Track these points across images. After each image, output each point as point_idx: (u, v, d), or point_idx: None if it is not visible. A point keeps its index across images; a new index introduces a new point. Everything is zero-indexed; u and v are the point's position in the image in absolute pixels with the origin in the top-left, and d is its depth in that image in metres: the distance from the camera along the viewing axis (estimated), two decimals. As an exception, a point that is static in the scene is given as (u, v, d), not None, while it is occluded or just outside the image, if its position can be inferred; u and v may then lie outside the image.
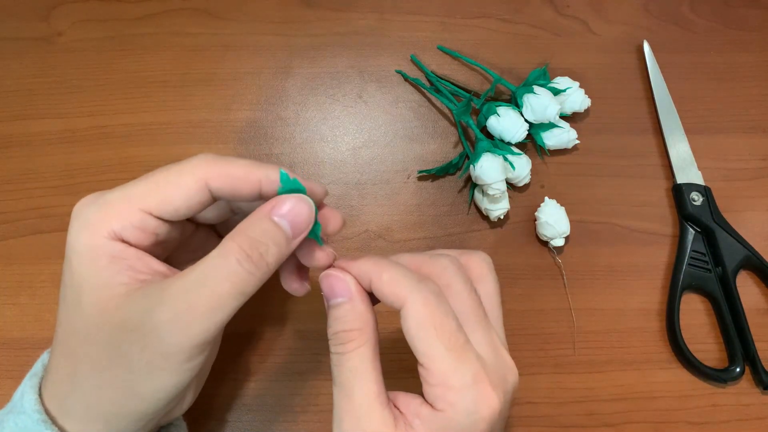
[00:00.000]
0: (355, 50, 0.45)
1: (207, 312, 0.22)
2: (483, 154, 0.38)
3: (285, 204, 0.23)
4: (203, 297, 0.22)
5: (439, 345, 0.23)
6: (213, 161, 0.24)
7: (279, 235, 0.23)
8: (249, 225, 0.23)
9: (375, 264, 0.25)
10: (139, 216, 0.23)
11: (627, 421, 0.35)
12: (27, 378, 0.26)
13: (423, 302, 0.23)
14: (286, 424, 0.35)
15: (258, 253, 0.22)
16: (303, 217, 0.24)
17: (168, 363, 0.22)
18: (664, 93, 0.43)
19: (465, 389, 0.23)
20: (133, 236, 0.23)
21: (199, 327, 0.22)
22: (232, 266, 0.22)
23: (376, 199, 0.40)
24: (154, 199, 0.23)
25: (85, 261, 0.23)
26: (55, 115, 0.42)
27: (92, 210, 0.23)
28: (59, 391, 0.24)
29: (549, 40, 0.46)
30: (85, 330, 0.23)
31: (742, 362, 0.36)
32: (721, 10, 0.47)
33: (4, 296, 0.37)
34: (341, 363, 0.24)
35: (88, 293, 0.23)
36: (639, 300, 0.38)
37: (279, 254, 0.23)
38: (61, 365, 0.24)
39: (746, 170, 0.42)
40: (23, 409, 0.24)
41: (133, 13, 0.45)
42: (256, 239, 0.22)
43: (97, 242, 0.23)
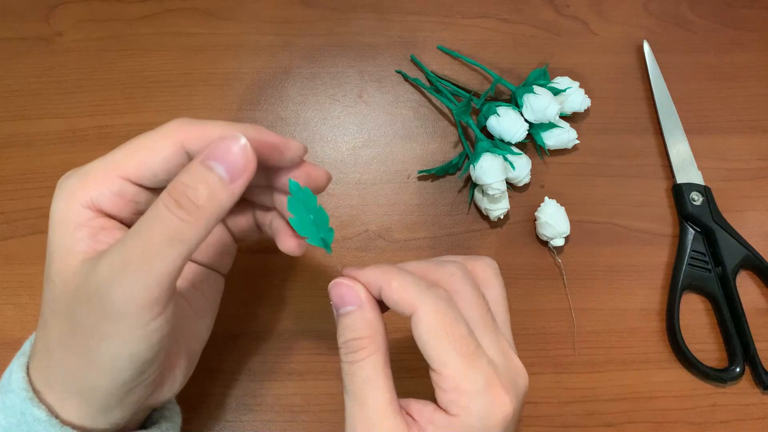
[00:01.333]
0: (355, 50, 0.45)
1: (142, 263, 0.20)
2: (483, 154, 0.38)
3: (218, 147, 0.22)
4: (136, 249, 0.20)
5: (451, 351, 0.23)
6: (188, 123, 0.23)
7: (210, 177, 0.21)
8: (182, 173, 0.22)
9: (384, 272, 0.25)
10: (118, 183, 0.23)
11: (627, 421, 0.35)
12: (15, 357, 0.25)
13: (434, 309, 0.23)
14: (286, 424, 0.35)
15: (186, 197, 0.21)
16: (238, 158, 0.21)
17: (116, 327, 0.21)
18: (664, 93, 0.43)
19: (478, 394, 0.23)
20: (111, 204, 0.23)
21: (138, 281, 0.20)
22: (162, 214, 0.21)
23: (376, 199, 0.40)
24: (131, 164, 0.23)
25: (56, 230, 0.22)
26: (55, 115, 0.42)
27: (72, 180, 0.23)
28: (40, 364, 0.24)
29: (549, 40, 0.46)
30: (52, 300, 0.23)
31: (742, 362, 0.36)
32: (721, 10, 0.47)
33: (4, 296, 0.37)
34: (353, 372, 0.24)
35: (55, 262, 0.22)
36: (639, 300, 0.38)
37: (213, 196, 0.21)
38: (40, 339, 0.24)
39: (746, 170, 0.42)
40: (11, 387, 0.24)
41: (133, 13, 0.45)
42: (184, 183, 0.21)
43: (71, 210, 0.22)
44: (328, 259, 0.38)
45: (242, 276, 0.37)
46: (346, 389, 0.24)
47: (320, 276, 0.38)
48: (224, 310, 0.37)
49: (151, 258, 0.20)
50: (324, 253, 0.38)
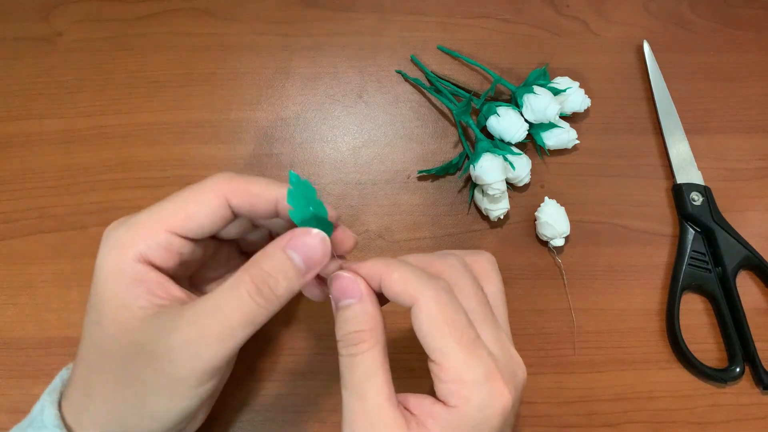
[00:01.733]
0: (355, 50, 0.45)
1: (217, 340, 0.23)
2: (483, 154, 0.38)
3: (300, 238, 0.24)
4: (214, 326, 0.23)
5: (451, 341, 0.23)
6: (232, 179, 0.25)
7: (290, 270, 0.24)
8: (263, 257, 0.24)
9: (385, 264, 0.25)
10: (165, 236, 0.24)
11: (627, 421, 0.35)
12: (46, 393, 0.26)
13: (434, 299, 0.23)
14: (286, 424, 0.35)
15: (268, 286, 0.23)
16: (317, 252, 0.24)
17: (179, 387, 0.23)
18: (664, 93, 0.43)
19: (478, 384, 0.23)
20: (159, 256, 0.24)
21: (208, 354, 0.23)
22: (243, 298, 0.23)
23: (376, 199, 0.40)
24: (178, 217, 0.24)
25: (109, 282, 0.24)
26: (55, 115, 0.42)
27: (121, 231, 0.24)
28: (77, 404, 0.25)
29: (549, 40, 0.46)
30: (103, 347, 0.24)
31: (742, 362, 0.36)
32: (721, 10, 0.47)
33: (4, 296, 0.37)
34: (353, 365, 0.24)
35: (109, 312, 0.24)
36: (639, 300, 0.38)
37: (289, 288, 0.24)
38: (80, 379, 0.25)
39: (746, 170, 0.42)
40: (44, 423, 0.25)
41: (133, 13, 0.45)
42: (267, 273, 0.23)
43: (123, 264, 0.24)
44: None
45: (242, 276, 0.37)
46: (345, 383, 0.24)
47: (320, 276, 0.38)
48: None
49: (227, 337, 0.23)
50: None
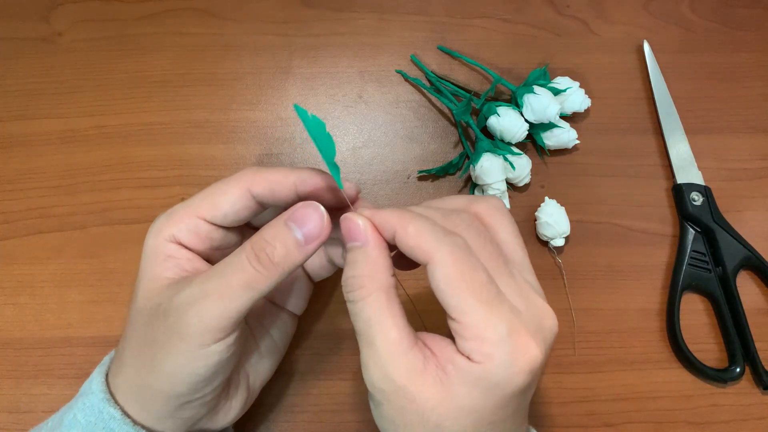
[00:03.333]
0: (355, 50, 0.45)
1: (217, 299, 0.24)
2: (483, 154, 0.38)
3: (300, 210, 0.25)
4: (215, 286, 0.24)
5: (470, 298, 0.22)
6: (255, 171, 0.27)
7: (288, 238, 0.25)
8: (265, 228, 0.25)
9: (400, 216, 0.24)
10: (194, 221, 0.27)
11: (627, 421, 0.35)
12: (98, 366, 0.29)
13: (451, 256, 0.23)
14: (286, 424, 0.35)
15: (265, 253, 0.24)
16: (315, 225, 0.25)
17: (184, 343, 0.24)
18: (664, 93, 0.43)
19: (501, 341, 0.22)
20: (188, 239, 0.27)
21: (210, 312, 0.24)
22: (243, 263, 0.24)
23: (376, 199, 0.40)
24: (205, 206, 0.27)
25: (146, 259, 0.27)
26: (55, 115, 0.42)
27: (161, 219, 0.27)
28: (114, 371, 0.27)
29: (549, 40, 0.46)
30: (134, 316, 0.26)
31: (742, 362, 0.36)
32: (721, 10, 0.47)
33: (4, 296, 0.37)
34: (356, 312, 0.24)
35: (142, 285, 0.26)
36: (639, 300, 0.38)
37: (287, 255, 0.25)
38: (118, 349, 0.28)
39: (746, 170, 0.42)
40: (91, 390, 0.27)
41: (133, 13, 0.45)
42: (265, 240, 0.25)
43: (158, 244, 0.26)
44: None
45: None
46: (355, 329, 0.24)
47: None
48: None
49: (226, 296, 0.24)
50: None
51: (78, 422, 0.26)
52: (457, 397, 0.22)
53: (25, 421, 0.34)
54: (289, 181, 0.27)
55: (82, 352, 0.36)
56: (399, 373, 0.23)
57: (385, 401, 0.23)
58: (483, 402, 0.22)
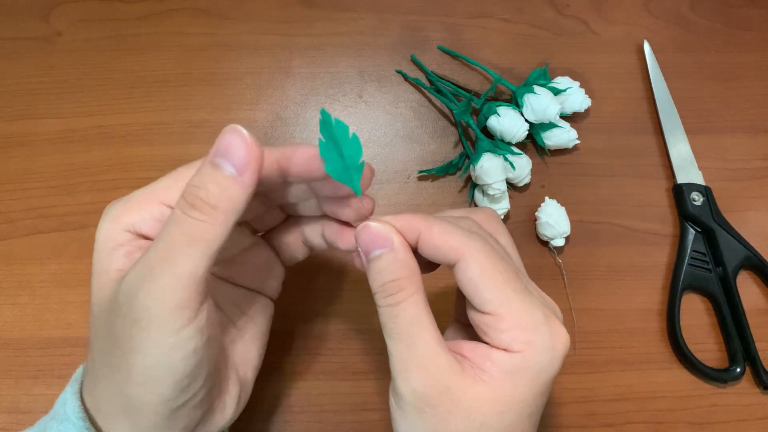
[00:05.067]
0: (355, 50, 0.45)
1: (165, 265, 0.20)
2: (483, 154, 0.38)
3: (218, 143, 0.22)
4: (159, 253, 0.21)
5: (507, 289, 0.23)
6: None
7: (218, 175, 0.21)
8: (192, 176, 0.22)
9: (422, 218, 0.24)
10: (159, 208, 0.23)
11: (627, 422, 0.35)
12: (69, 384, 0.25)
13: (482, 251, 0.23)
14: (286, 424, 0.35)
15: (199, 198, 0.21)
16: (240, 150, 0.21)
17: (147, 335, 0.21)
18: (664, 93, 0.43)
19: (540, 327, 0.23)
20: (151, 229, 0.23)
21: (161, 283, 0.20)
22: (179, 216, 0.21)
23: (376, 198, 0.40)
24: (172, 191, 0.23)
25: (98, 251, 0.23)
26: (55, 115, 0.42)
27: (117, 206, 0.24)
28: (89, 387, 0.24)
29: (549, 40, 0.46)
30: (93, 319, 0.23)
31: (742, 362, 0.36)
32: (721, 10, 0.47)
33: (4, 296, 0.37)
34: (396, 314, 0.23)
35: (95, 282, 0.23)
36: (639, 300, 0.38)
37: (225, 194, 0.21)
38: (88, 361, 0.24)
39: (746, 170, 0.42)
40: (67, 416, 0.24)
41: (133, 13, 0.45)
42: (194, 185, 0.21)
43: (112, 233, 0.23)
44: (326, 259, 0.38)
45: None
46: (390, 334, 0.24)
47: (318, 276, 0.38)
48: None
49: (173, 259, 0.20)
50: (323, 253, 0.38)
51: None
52: (502, 391, 0.23)
53: (25, 421, 0.34)
54: (271, 157, 0.24)
55: (81, 352, 0.36)
56: (444, 373, 0.23)
57: (429, 407, 0.23)
58: (526, 391, 0.23)
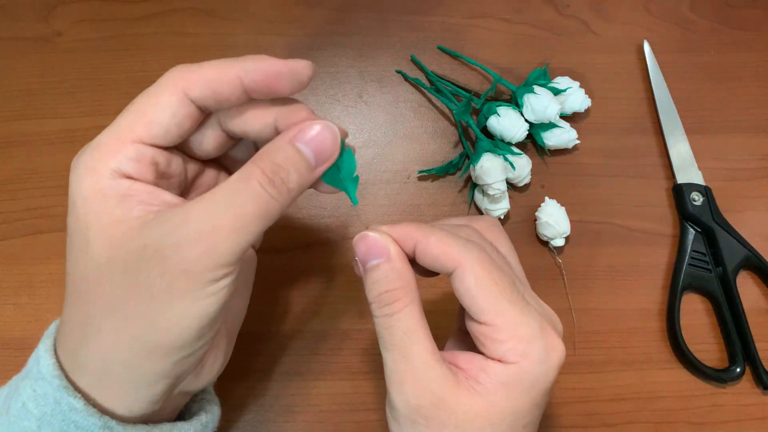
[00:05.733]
0: (355, 50, 0.45)
1: (232, 231, 0.21)
2: (483, 154, 0.38)
3: (309, 131, 0.23)
4: (228, 217, 0.21)
5: (503, 299, 0.23)
6: (186, 69, 0.23)
7: (301, 163, 0.23)
8: (272, 150, 0.22)
9: (418, 228, 0.24)
10: (133, 148, 0.22)
11: (627, 422, 0.35)
12: (41, 341, 0.24)
13: (479, 260, 0.23)
14: (286, 424, 0.35)
15: (280, 178, 0.22)
16: (327, 146, 0.23)
17: (191, 284, 0.21)
18: (664, 93, 0.43)
19: (535, 339, 0.23)
20: (134, 170, 0.22)
21: (223, 246, 0.21)
22: (256, 189, 0.22)
23: (376, 199, 0.40)
24: (140, 126, 0.23)
25: (93, 203, 0.22)
26: (55, 115, 0.42)
27: (87, 156, 0.23)
28: (72, 344, 0.23)
29: (549, 40, 0.46)
30: (96, 270, 0.22)
31: (742, 362, 0.36)
32: (721, 10, 0.47)
33: (4, 296, 0.37)
34: (391, 325, 0.24)
35: (98, 233, 0.22)
36: (639, 300, 0.38)
37: (300, 181, 0.23)
38: (74, 316, 0.23)
39: (746, 170, 0.42)
40: (41, 374, 0.23)
41: (133, 13, 0.45)
42: (278, 164, 0.22)
43: (103, 184, 0.22)
44: (326, 260, 0.38)
45: (242, 276, 0.37)
46: (385, 344, 0.24)
47: (318, 276, 0.38)
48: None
49: (242, 228, 0.21)
50: (323, 254, 0.38)
51: (30, 413, 0.22)
52: (496, 403, 0.23)
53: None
54: (231, 75, 0.23)
55: (82, 352, 0.36)
56: (438, 385, 0.23)
57: (423, 419, 0.23)
58: (521, 402, 0.23)
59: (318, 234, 0.39)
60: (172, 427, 0.25)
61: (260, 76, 0.24)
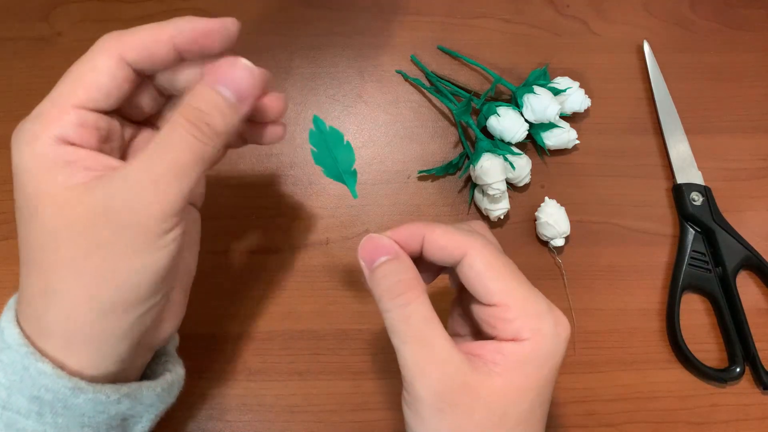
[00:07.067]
0: (355, 50, 0.45)
1: (173, 179, 0.22)
2: (483, 154, 0.38)
3: (226, 72, 0.24)
4: (167, 166, 0.22)
5: (511, 280, 0.24)
6: (120, 35, 0.24)
7: (223, 105, 0.23)
8: (194, 97, 0.23)
9: (422, 223, 0.26)
10: (75, 113, 0.23)
11: (627, 421, 0.35)
12: (3, 314, 0.25)
13: (485, 246, 0.25)
14: (286, 424, 0.35)
15: (205, 123, 0.23)
16: (245, 83, 0.24)
17: (142, 238, 0.22)
18: (664, 93, 0.43)
19: (546, 315, 0.24)
20: (77, 136, 0.23)
21: (166, 195, 0.22)
22: (187, 138, 0.22)
23: (376, 199, 0.40)
24: (80, 91, 0.23)
25: (36, 172, 0.22)
26: (55, 115, 0.42)
27: (28, 125, 0.23)
28: (34, 311, 0.23)
29: (549, 40, 0.46)
30: (50, 236, 0.22)
31: (742, 362, 0.36)
32: (721, 10, 0.47)
33: (4, 296, 0.37)
34: (408, 315, 0.24)
35: (47, 201, 0.22)
36: (639, 300, 0.38)
37: (226, 123, 0.23)
38: (32, 284, 0.24)
39: (746, 170, 0.42)
40: (6, 344, 0.23)
41: (133, 13, 0.45)
42: (201, 110, 0.23)
43: (44, 151, 0.22)
44: (326, 260, 0.38)
45: (241, 276, 0.37)
46: (403, 336, 0.24)
47: (318, 277, 0.38)
48: (224, 310, 0.37)
49: (182, 176, 0.22)
50: (323, 254, 0.38)
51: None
52: (515, 381, 0.23)
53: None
54: (164, 36, 0.24)
55: (82, 352, 0.36)
56: (461, 370, 0.23)
57: (449, 407, 0.23)
58: (537, 378, 0.24)
59: (318, 234, 0.39)
60: (139, 385, 0.25)
61: (192, 34, 0.24)
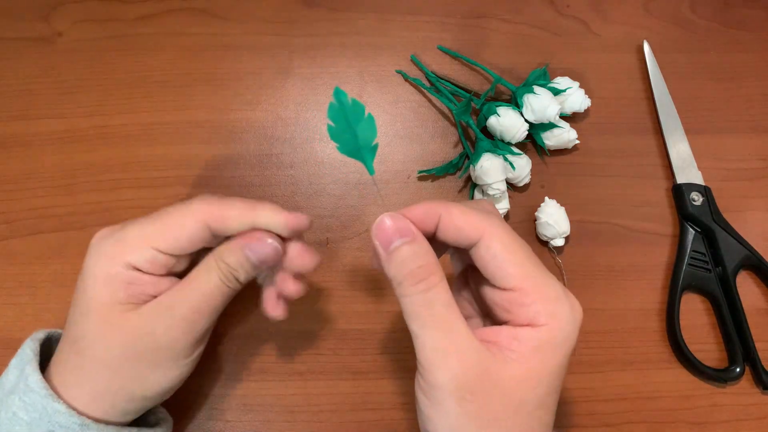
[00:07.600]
0: (355, 50, 0.45)
1: (205, 313, 0.28)
2: (483, 154, 0.38)
3: (256, 244, 0.28)
4: (201, 303, 0.28)
5: (528, 263, 0.24)
6: (212, 204, 0.28)
7: (247, 265, 0.28)
8: (228, 253, 0.28)
9: (440, 203, 0.25)
10: (150, 252, 0.27)
11: (627, 421, 0.35)
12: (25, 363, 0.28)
13: (502, 228, 0.24)
14: (286, 424, 0.35)
15: (233, 276, 0.28)
16: (268, 257, 0.28)
17: (174, 358, 0.28)
18: (664, 93, 0.43)
19: (562, 299, 0.24)
20: (146, 267, 0.27)
21: (196, 326, 0.28)
22: (216, 282, 0.28)
23: (376, 199, 0.40)
24: (162, 239, 0.27)
25: (101, 284, 0.27)
26: (55, 115, 0.42)
27: (110, 243, 0.28)
28: (66, 379, 0.27)
29: (549, 40, 0.46)
30: (95, 336, 0.27)
31: (742, 362, 0.36)
32: (721, 10, 0.47)
33: (5, 296, 0.37)
34: (431, 300, 0.23)
35: (99, 309, 0.27)
36: (639, 300, 0.38)
37: (247, 277, 0.29)
38: (70, 359, 0.28)
39: (746, 170, 0.42)
40: (30, 388, 0.26)
41: (133, 13, 0.45)
42: (232, 267, 0.28)
43: (115, 270, 0.27)
44: (326, 260, 0.38)
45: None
46: (424, 322, 0.23)
47: (319, 277, 0.38)
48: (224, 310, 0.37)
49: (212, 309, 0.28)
50: (323, 254, 0.38)
51: (20, 419, 0.26)
52: (533, 367, 0.23)
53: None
54: (245, 220, 0.28)
55: (82, 352, 0.36)
56: (482, 357, 0.23)
57: (469, 394, 0.23)
58: (553, 363, 0.24)
59: (317, 234, 0.39)
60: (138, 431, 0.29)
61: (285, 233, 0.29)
